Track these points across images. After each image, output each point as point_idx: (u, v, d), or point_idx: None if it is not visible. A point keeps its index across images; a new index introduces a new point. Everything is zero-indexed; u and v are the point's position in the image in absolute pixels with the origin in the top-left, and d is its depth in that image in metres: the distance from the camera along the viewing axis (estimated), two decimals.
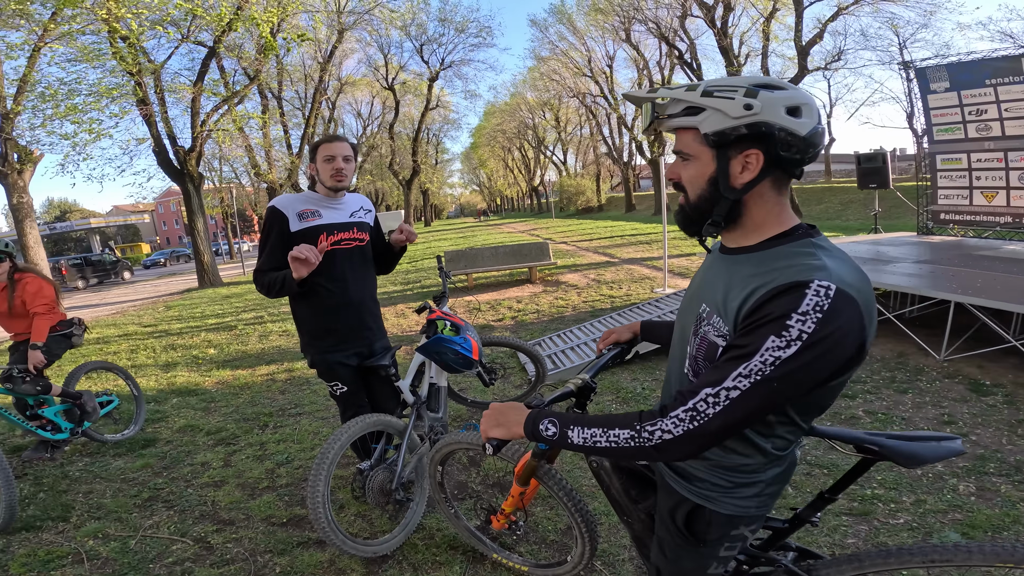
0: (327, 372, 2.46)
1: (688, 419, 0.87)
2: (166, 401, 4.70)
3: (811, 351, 0.81)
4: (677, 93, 0.95)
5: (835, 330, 0.81)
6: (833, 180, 26.57)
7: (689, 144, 0.97)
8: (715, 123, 0.91)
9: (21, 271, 3.39)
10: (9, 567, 2.39)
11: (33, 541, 2.60)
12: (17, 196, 11.42)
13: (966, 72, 6.30)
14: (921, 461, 1.06)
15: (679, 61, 20.56)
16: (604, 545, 2.20)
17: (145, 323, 9.50)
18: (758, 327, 0.85)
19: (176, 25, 12.96)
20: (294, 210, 2.28)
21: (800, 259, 0.88)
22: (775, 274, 0.88)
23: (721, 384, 0.85)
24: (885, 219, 13.13)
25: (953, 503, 2.27)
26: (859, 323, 0.83)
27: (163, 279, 22.25)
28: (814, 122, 0.90)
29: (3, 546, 2.55)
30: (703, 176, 0.96)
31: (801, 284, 0.83)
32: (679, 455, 0.91)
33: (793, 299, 0.82)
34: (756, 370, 0.83)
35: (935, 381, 3.59)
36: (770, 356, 0.82)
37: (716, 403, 0.86)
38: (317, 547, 2.36)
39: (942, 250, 5.82)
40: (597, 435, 0.95)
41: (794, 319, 0.81)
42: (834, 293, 0.81)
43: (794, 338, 0.81)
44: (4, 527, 2.64)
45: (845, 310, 0.82)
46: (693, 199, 1.00)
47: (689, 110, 0.94)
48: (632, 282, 8.39)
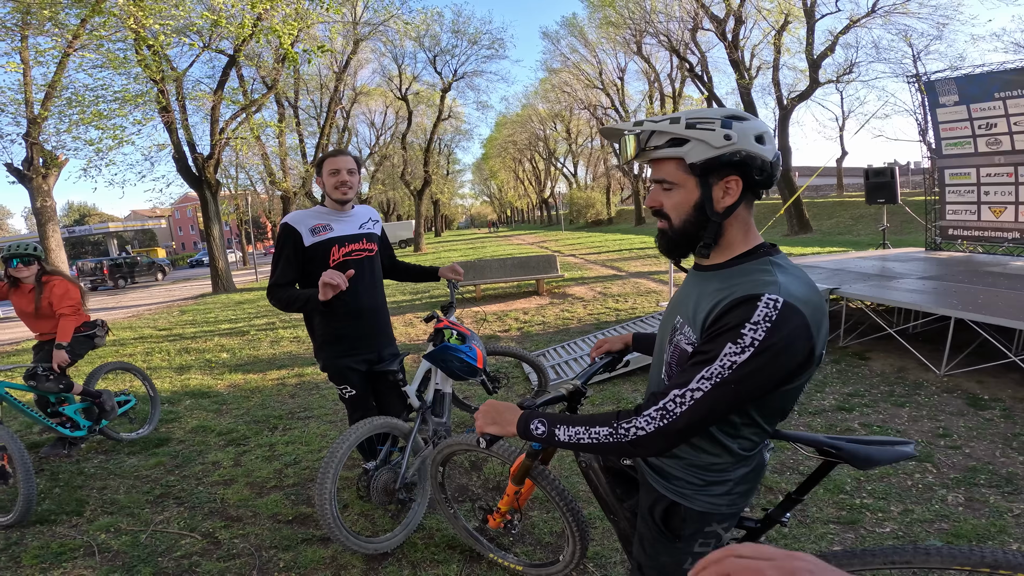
0: (337, 376, 2.58)
1: (659, 417, 0.97)
2: (179, 402, 4.84)
3: (762, 356, 0.91)
4: (662, 126, 1.03)
5: (782, 338, 0.91)
6: (845, 194, 26.47)
7: (672, 173, 1.05)
8: (700, 153, 1.00)
9: (49, 274, 3.54)
10: (21, 558, 2.46)
11: (47, 534, 2.69)
12: (41, 200, 11.75)
13: (975, 85, 6.24)
14: (874, 463, 1.15)
15: (690, 74, 20.70)
16: (597, 548, 2.27)
17: (160, 327, 9.72)
18: (718, 335, 0.95)
19: (199, 33, 13.36)
20: (306, 225, 2.41)
21: (757, 275, 0.99)
22: (734, 288, 0.98)
23: (687, 386, 0.95)
24: (895, 234, 13.08)
25: (940, 513, 2.31)
26: (805, 332, 0.93)
27: (177, 284, 22.65)
28: (775, 148, 1.02)
29: (17, 538, 2.64)
30: (688, 203, 1.05)
31: (754, 297, 0.93)
32: (652, 450, 1.00)
33: (746, 310, 0.93)
34: (716, 373, 0.93)
35: (933, 395, 3.62)
36: (728, 360, 0.92)
37: (683, 403, 0.95)
38: (320, 544, 2.45)
39: (949, 266, 5.83)
40: (580, 432, 1.04)
41: (747, 328, 0.91)
42: (781, 305, 0.92)
43: (747, 344, 0.91)
44: (21, 520, 2.73)
45: (791, 319, 0.91)
46: (678, 225, 1.07)
47: (673, 141, 1.02)
48: (638, 295, 8.45)
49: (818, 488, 2.54)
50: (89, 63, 11.90)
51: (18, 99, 11.27)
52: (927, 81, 6.75)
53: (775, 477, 2.74)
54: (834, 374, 4.22)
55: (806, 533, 2.27)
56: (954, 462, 2.74)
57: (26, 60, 10.96)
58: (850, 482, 2.62)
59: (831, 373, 4.24)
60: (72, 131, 12.11)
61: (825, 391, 3.87)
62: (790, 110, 18.09)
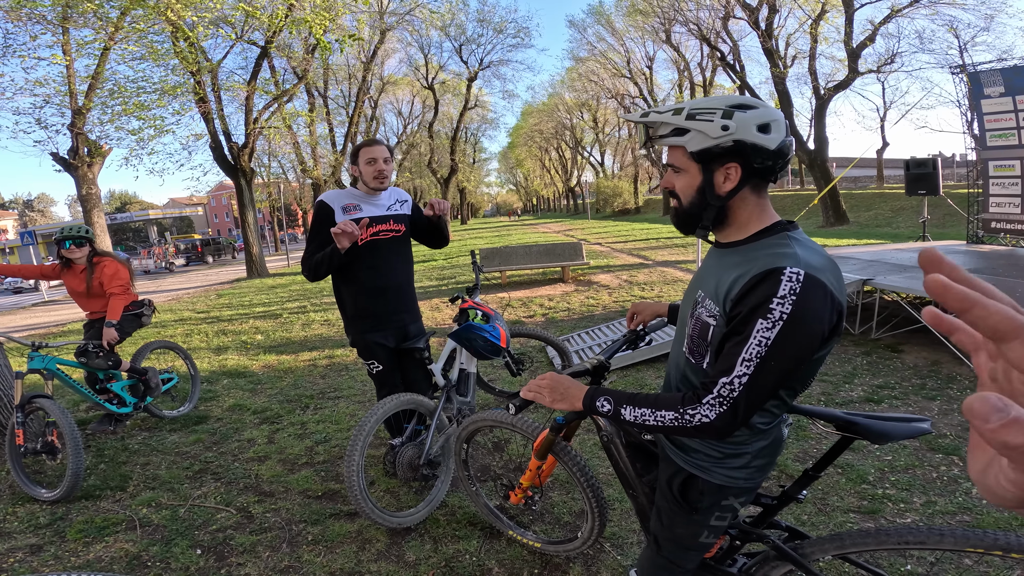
0: (365, 351, 2.68)
1: (718, 405, 1.02)
2: (217, 382, 5.05)
3: (793, 327, 0.95)
4: (665, 117, 1.09)
5: (809, 308, 0.95)
6: (885, 186, 25.48)
7: (679, 159, 1.12)
8: (698, 143, 1.06)
9: (100, 255, 3.73)
10: (67, 533, 2.56)
11: (91, 509, 2.79)
12: (86, 187, 12.28)
13: (1021, 77, 6.06)
14: (890, 438, 1.16)
15: (721, 63, 20.14)
16: (614, 528, 2.32)
17: (198, 309, 10.11)
18: (748, 315, 0.99)
19: (232, 25, 13.66)
20: (339, 204, 2.53)
21: (774, 248, 1.03)
22: (754, 263, 1.02)
23: (732, 373, 1.00)
24: (937, 227, 12.56)
25: (964, 505, 2.27)
26: (829, 299, 0.97)
27: (213, 269, 23.42)
28: (782, 136, 1.04)
29: (63, 513, 2.74)
30: (692, 186, 1.11)
31: (776, 271, 0.97)
32: (714, 434, 1.05)
33: (771, 285, 0.97)
34: (755, 354, 0.97)
35: (966, 390, 3.52)
36: (761, 337, 0.96)
37: (733, 389, 1.00)
38: (347, 519, 2.55)
39: (990, 260, 5.60)
40: (647, 414, 1.09)
41: (775, 303, 0.96)
42: (804, 277, 0.96)
43: (777, 319, 0.95)
44: (68, 495, 2.82)
45: (815, 288, 0.96)
46: (685, 205, 1.15)
47: (676, 131, 1.08)
48: (664, 284, 8.38)
49: (840, 477, 2.56)
50: (129, 55, 12.28)
51: (63, 90, 11.69)
52: (972, 72, 6.53)
53: (797, 466, 2.73)
54: (864, 366, 4.14)
55: (825, 521, 2.26)
56: None
57: (68, 52, 11.37)
58: (873, 472, 2.60)
59: (861, 365, 4.16)
60: (115, 121, 12.56)
61: (854, 383, 3.81)
62: (827, 100, 17.44)
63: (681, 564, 1.35)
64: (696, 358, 1.16)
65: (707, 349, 1.12)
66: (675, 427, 1.06)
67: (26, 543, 2.53)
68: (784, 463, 2.73)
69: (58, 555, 2.42)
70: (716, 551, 1.50)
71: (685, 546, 1.32)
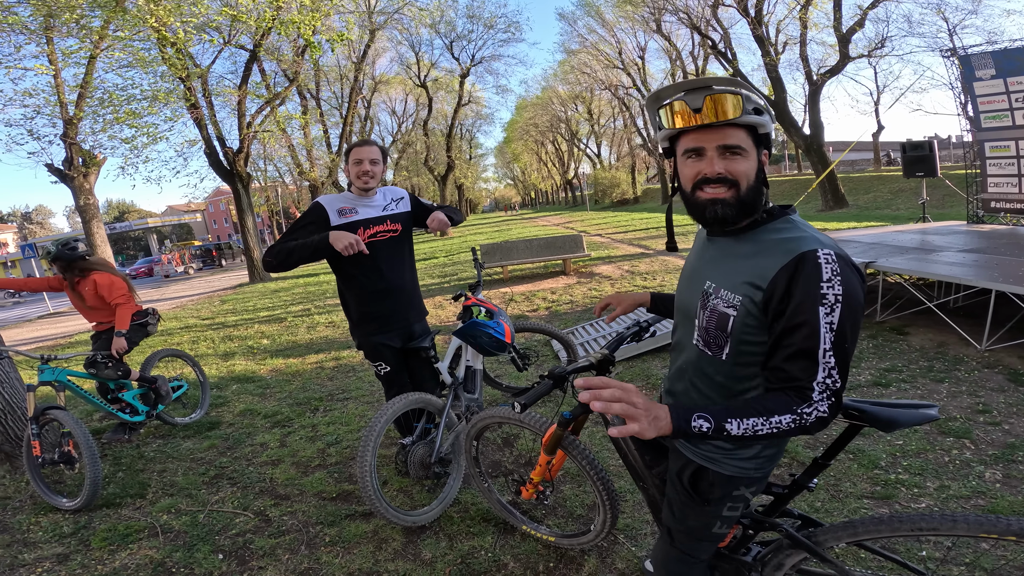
0: (372, 353, 2.70)
1: (827, 399, 1.01)
2: (227, 387, 5.08)
3: (848, 305, 0.99)
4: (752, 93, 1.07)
5: (853, 284, 1.00)
6: (882, 169, 25.38)
7: (744, 140, 1.06)
8: (768, 124, 1.08)
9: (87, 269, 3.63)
10: (91, 541, 2.58)
11: (113, 517, 2.81)
12: (84, 198, 12.27)
13: (1011, 59, 6.13)
14: (898, 425, 1.17)
15: (713, 51, 20.01)
16: (627, 520, 2.34)
17: (203, 316, 10.14)
18: (803, 306, 1.00)
19: (218, 30, 13.58)
20: (335, 208, 2.54)
21: (787, 234, 1.06)
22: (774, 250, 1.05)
23: (819, 365, 1.00)
24: (936, 208, 12.53)
25: (977, 489, 2.29)
26: (858, 271, 1.02)
27: (216, 275, 23.43)
28: None
29: (85, 522, 2.77)
30: (753, 170, 1.08)
31: (808, 255, 1.00)
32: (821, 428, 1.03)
33: (813, 271, 1.00)
34: (828, 339, 0.99)
35: (974, 371, 3.53)
36: (826, 323, 0.99)
37: (829, 379, 1.01)
38: (362, 519, 2.57)
39: (991, 239, 5.60)
40: (758, 424, 1.00)
41: (824, 288, 0.99)
42: (835, 257, 1.00)
43: (833, 303, 0.98)
44: (87, 503, 2.85)
45: (848, 266, 1.01)
46: (744, 191, 1.07)
47: (757, 110, 1.06)
48: (666, 273, 8.38)
49: (852, 463, 2.57)
50: (117, 63, 12.21)
51: (52, 101, 11.61)
52: (963, 55, 6.60)
53: (808, 452, 2.75)
54: (870, 349, 4.15)
55: (839, 507, 2.28)
56: (993, 438, 2.70)
57: (55, 62, 11.29)
58: (885, 457, 2.61)
59: (867, 348, 4.17)
60: (107, 130, 12.47)
61: (860, 366, 3.82)
62: (820, 85, 17.41)
63: (695, 555, 1.36)
64: (713, 350, 1.15)
65: (726, 340, 1.12)
66: (791, 430, 1.02)
67: (52, 552, 2.55)
68: (795, 451, 2.75)
69: (85, 564, 2.45)
70: (729, 540, 1.52)
71: (698, 537, 1.33)
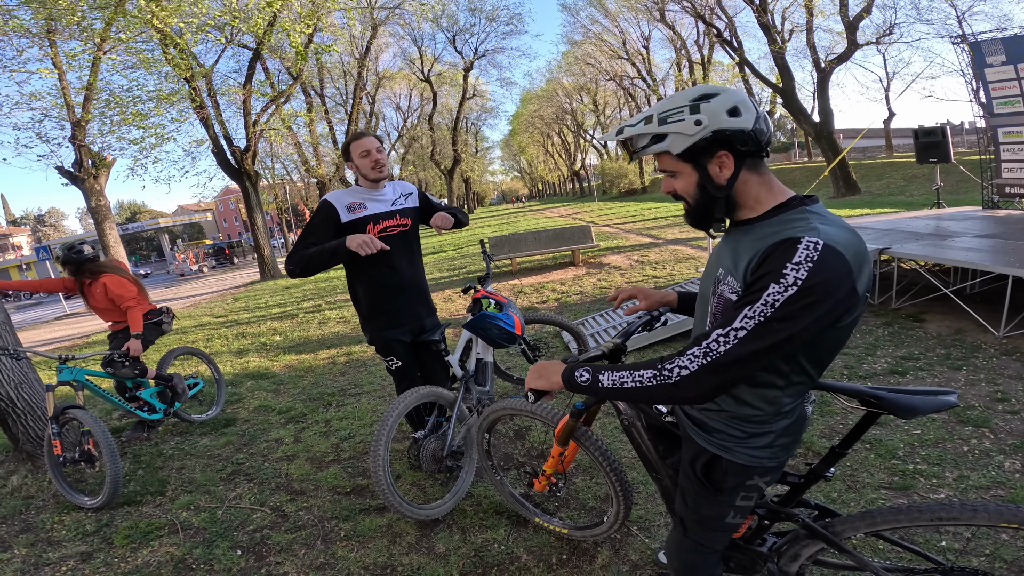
0: (384, 348, 2.71)
1: (702, 355, 1.00)
2: (241, 384, 5.14)
3: (805, 295, 0.93)
4: (638, 129, 1.10)
5: (825, 278, 0.93)
6: (895, 155, 24.94)
7: (669, 163, 1.12)
8: (680, 143, 1.06)
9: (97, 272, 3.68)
10: (113, 539, 2.62)
11: (134, 514, 2.86)
12: (95, 199, 12.40)
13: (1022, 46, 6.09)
14: (917, 412, 1.15)
15: (718, 39, 19.75)
16: (640, 511, 2.34)
17: (216, 314, 10.25)
18: (761, 279, 0.98)
19: (220, 29, 13.59)
20: (343, 204, 2.53)
21: (793, 223, 1.03)
22: (773, 236, 1.02)
23: (730, 325, 0.98)
24: (951, 194, 12.31)
25: (997, 479, 2.25)
26: (847, 272, 0.95)
27: (228, 273, 23.67)
28: (753, 114, 1.04)
29: (107, 520, 2.81)
30: (692, 184, 1.12)
31: (794, 240, 0.97)
32: (696, 391, 1.01)
33: (787, 252, 0.96)
34: (759, 312, 0.95)
35: (992, 358, 3.47)
36: (770, 299, 0.95)
37: (726, 341, 0.98)
38: (377, 513, 2.60)
39: (1007, 224, 5.50)
40: (624, 377, 1.08)
41: (789, 268, 0.94)
42: (822, 247, 0.94)
43: (790, 284, 0.94)
44: (109, 501, 2.90)
45: (832, 259, 0.94)
46: (693, 204, 1.14)
47: (655, 139, 1.09)
48: (676, 262, 8.33)
49: (869, 453, 2.55)
50: (121, 64, 12.25)
51: (59, 103, 11.68)
52: (973, 42, 6.54)
53: (824, 443, 2.73)
54: (886, 337, 4.09)
55: (856, 498, 2.26)
56: (1012, 427, 2.65)
57: (59, 65, 11.35)
58: (903, 447, 2.58)
59: (883, 336, 4.12)
60: (115, 131, 12.54)
61: (876, 354, 3.77)
62: (828, 73, 17.11)
63: (709, 545, 1.35)
64: None
65: None
66: (653, 386, 1.04)
67: (76, 551, 2.61)
68: (810, 440, 2.72)
69: (108, 561, 2.50)
70: (745, 531, 1.51)
71: (712, 527, 1.32)
